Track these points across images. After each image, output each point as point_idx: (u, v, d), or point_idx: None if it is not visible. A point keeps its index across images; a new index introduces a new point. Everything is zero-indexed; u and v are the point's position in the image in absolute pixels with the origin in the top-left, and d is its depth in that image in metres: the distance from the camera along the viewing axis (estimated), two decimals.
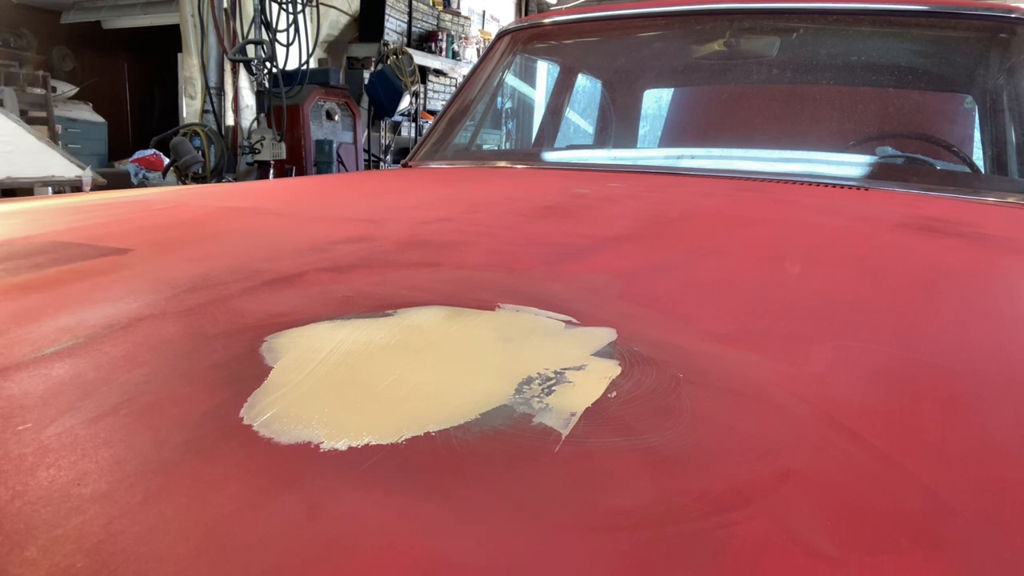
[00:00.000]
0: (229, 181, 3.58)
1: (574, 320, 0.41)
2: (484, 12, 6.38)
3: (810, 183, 1.05)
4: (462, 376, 0.34)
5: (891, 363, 0.38)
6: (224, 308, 0.43)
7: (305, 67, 3.60)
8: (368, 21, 4.75)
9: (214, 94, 3.51)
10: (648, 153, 1.60)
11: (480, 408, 0.30)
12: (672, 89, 1.73)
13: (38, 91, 4.07)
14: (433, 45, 5.19)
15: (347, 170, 3.91)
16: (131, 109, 6.00)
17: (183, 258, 0.57)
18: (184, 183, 3.90)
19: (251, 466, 0.26)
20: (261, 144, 3.41)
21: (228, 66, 3.41)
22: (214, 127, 3.51)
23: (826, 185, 1.04)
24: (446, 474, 0.26)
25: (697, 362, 0.36)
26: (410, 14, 4.98)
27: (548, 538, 0.22)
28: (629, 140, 1.75)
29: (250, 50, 3.38)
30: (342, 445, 0.27)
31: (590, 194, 0.96)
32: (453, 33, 5.43)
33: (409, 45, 4.84)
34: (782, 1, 1.31)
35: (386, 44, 4.63)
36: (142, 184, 4.65)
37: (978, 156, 1.27)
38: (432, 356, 0.36)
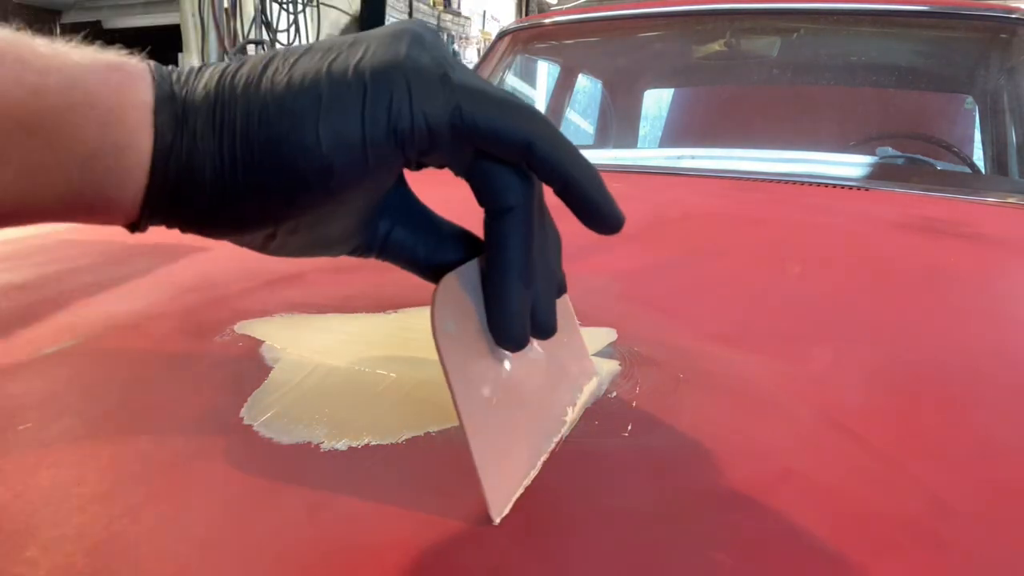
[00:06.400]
0: None
1: None
2: (484, 12, 6.37)
3: (811, 183, 1.05)
4: None
5: (892, 363, 0.38)
6: (224, 308, 0.44)
7: None
8: (368, 21, 4.75)
9: None
10: (649, 153, 1.60)
11: None
12: (673, 89, 1.73)
13: None
14: None
15: None
16: None
17: (183, 257, 0.57)
18: None
19: (251, 466, 0.26)
20: None
21: None
22: None
23: (826, 185, 1.04)
24: (446, 474, 0.26)
25: (698, 362, 0.36)
26: (410, 14, 4.98)
27: (548, 538, 0.22)
28: (630, 140, 1.75)
29: (250, 50, 3.37)
30: (342, 445, 0.27)
31: None
32: (453, 33, 5.42)
33: None
34: (782, 1, 1.31)
35: None
36: None
37: (978, 156, 1.27)
38: (432, 356, 0.36)
